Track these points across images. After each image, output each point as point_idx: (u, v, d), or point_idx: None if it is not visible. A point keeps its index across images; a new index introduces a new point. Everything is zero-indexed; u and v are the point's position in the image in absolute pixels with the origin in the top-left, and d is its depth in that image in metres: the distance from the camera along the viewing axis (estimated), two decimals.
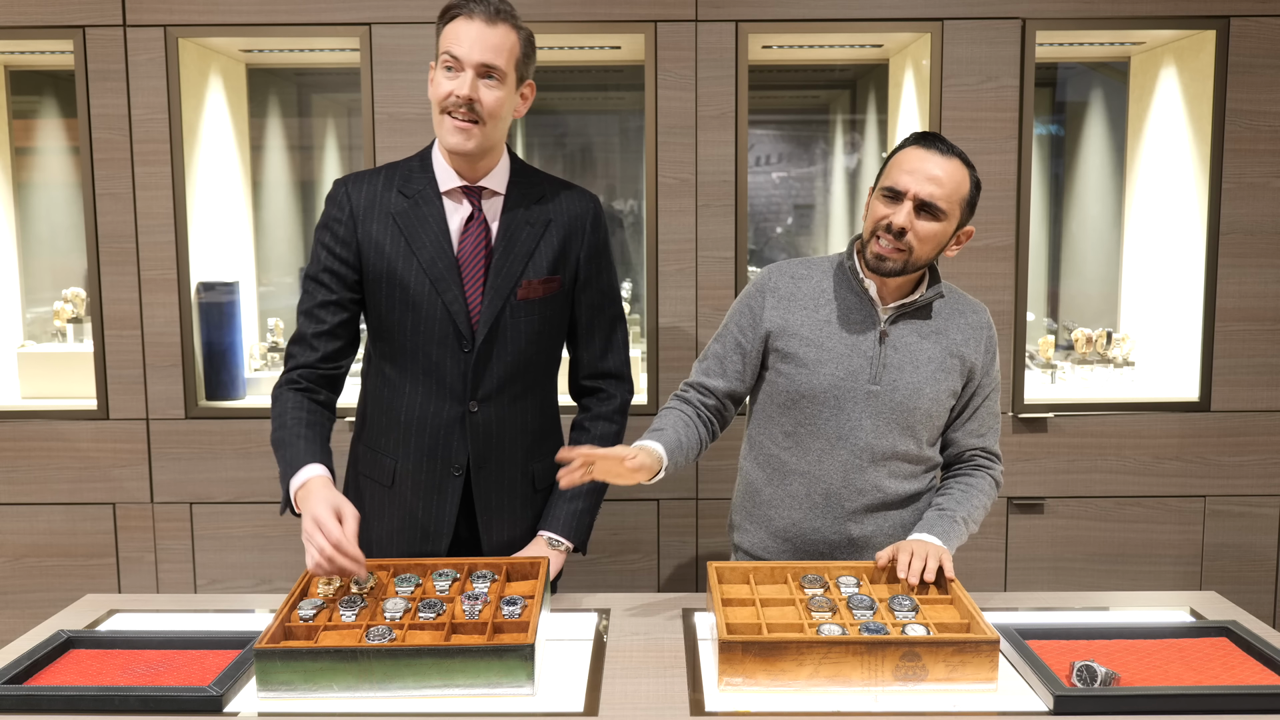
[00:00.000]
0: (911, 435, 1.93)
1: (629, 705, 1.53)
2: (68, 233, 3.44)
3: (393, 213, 1.88)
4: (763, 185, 3.84)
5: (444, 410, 1.91)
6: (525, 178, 1.95)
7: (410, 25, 2.83)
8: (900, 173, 1.83)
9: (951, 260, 2.90)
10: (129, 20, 2.84)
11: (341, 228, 1.89)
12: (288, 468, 1.80)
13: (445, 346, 1.88)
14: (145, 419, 2.96)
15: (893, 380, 1.90)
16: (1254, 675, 1.60)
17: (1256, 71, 2.87)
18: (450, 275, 1.86)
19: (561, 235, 1.93)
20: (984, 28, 2.85)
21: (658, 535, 3.01)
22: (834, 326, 1.92)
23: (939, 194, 1.81)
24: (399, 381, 1.93)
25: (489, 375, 1.90)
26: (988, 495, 1.97)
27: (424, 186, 1.89)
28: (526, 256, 1.90)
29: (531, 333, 1.92)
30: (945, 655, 1.53)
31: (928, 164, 1.81)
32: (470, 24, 1.78)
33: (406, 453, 1.94)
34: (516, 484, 1.98)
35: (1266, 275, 2.93)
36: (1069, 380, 3.18)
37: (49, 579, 3.02)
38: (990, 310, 2.92)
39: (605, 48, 3.07)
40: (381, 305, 1.89)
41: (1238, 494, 3.00)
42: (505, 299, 1.88)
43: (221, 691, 1.51)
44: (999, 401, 2.01)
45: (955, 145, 1.86)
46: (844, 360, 1.90)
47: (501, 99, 1.82)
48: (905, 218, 1.81)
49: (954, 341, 1.93)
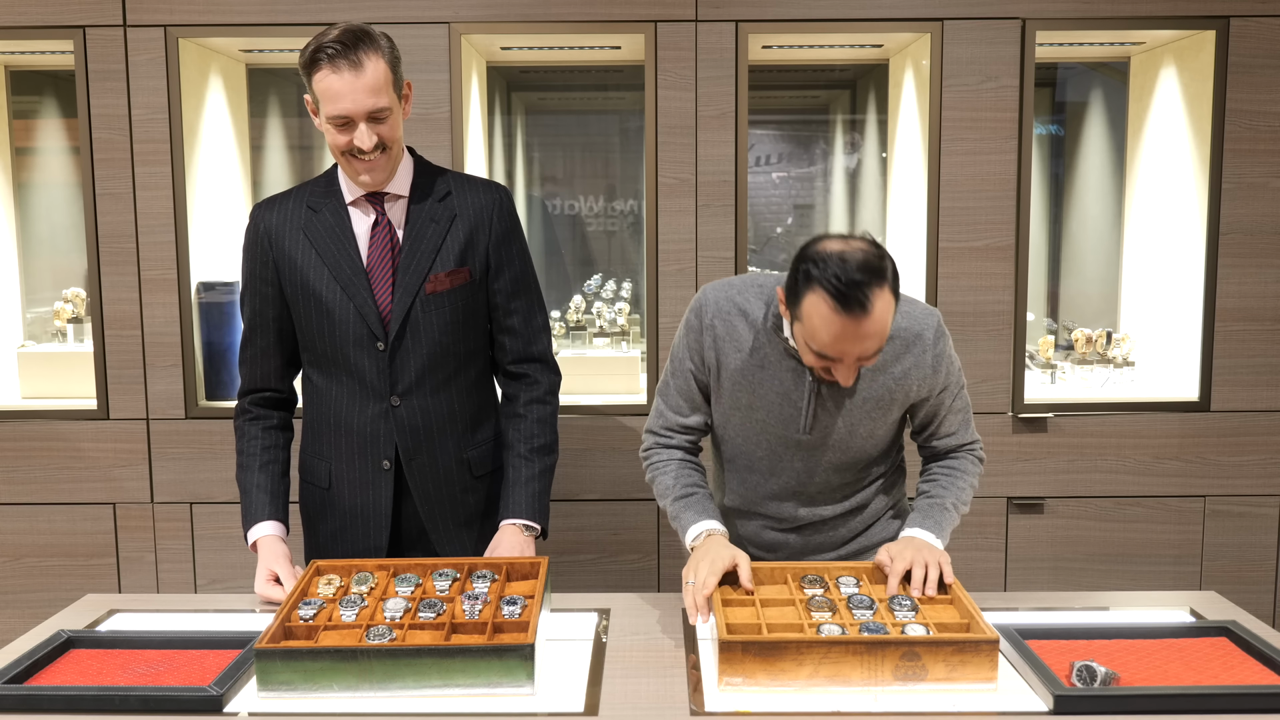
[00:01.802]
0: (851, 469, 1.93)
1: (629, 705, 1.53)
2: (68, 233, 3.44)
3: (302, 227, 1.96)
4: (763, 185, 3.84)
5: (368, 408, 1.98)
6: (428, 177, 2.00)
7: (410, 25, 2.83)
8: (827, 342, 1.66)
9: (952, 260, 2.90)
10: (129, 20, 2.84)
11: (259, 249, 1.98)
12: (246, 517, 2.02)
13: (361, 347, 1.95)
14: (145, 419, 2.96)
15: (825, 427, 1.87)
16: (1254, 675, 1.60)
17: (1256, 71, 2.87)
18: (358, 280, 1.93)
19: (468, 228, 1.98)
20: (984, 28, 2.85)
21: (658, 535, 3.01)
22: (766, 374, 1.85)
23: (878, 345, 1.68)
24: (325, 386, 2.01)
25: (406, 370, 1.96)
26: (972, 474, 1.96)
27: (330, 199, 1.97)
28: (433, 252, 1.95)
29: (445, 324, 1.97)
30: (945, 655, 1.53)
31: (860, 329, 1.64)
32: (340, 77, 1.79)
33: (339, 454, 2.02)
34: (453, 472, 2.04)
35: (1266, 275, 2.93)
36: (1069, 380, 3.18)
37: (49, 579, 3.02)
38: (990, 310, 2.94)
39: (605, 48, 3.07)
40: (301, 317, 1.98)
41: (1238, 494, 3.00)
42: (415, 295, 1.94)
43: (221, 691, 1.51)
44: (965, 394, 1.95)
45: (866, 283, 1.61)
46: (775, 409, 1.86)
47: (394, 124, 1.87)
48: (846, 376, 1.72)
49: (892, 377, 1.85)
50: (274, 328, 2.00)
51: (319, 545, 2.09)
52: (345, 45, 1.79)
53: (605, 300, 3.47)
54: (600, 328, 3.30)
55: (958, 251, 2.91)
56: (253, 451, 2.04)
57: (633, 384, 3.15)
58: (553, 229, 3.75)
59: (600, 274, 3.61)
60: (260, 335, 2.01)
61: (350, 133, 1.84)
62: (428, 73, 2.84)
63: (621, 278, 3.69)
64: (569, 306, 3.37)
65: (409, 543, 2.06)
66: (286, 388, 2.08)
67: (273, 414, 2.07)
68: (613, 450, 2.97)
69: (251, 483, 2.03)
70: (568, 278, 3.74)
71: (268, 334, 2.01)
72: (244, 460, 2.04)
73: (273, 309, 1.99)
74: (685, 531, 1.87)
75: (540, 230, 3.72)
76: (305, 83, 1.87)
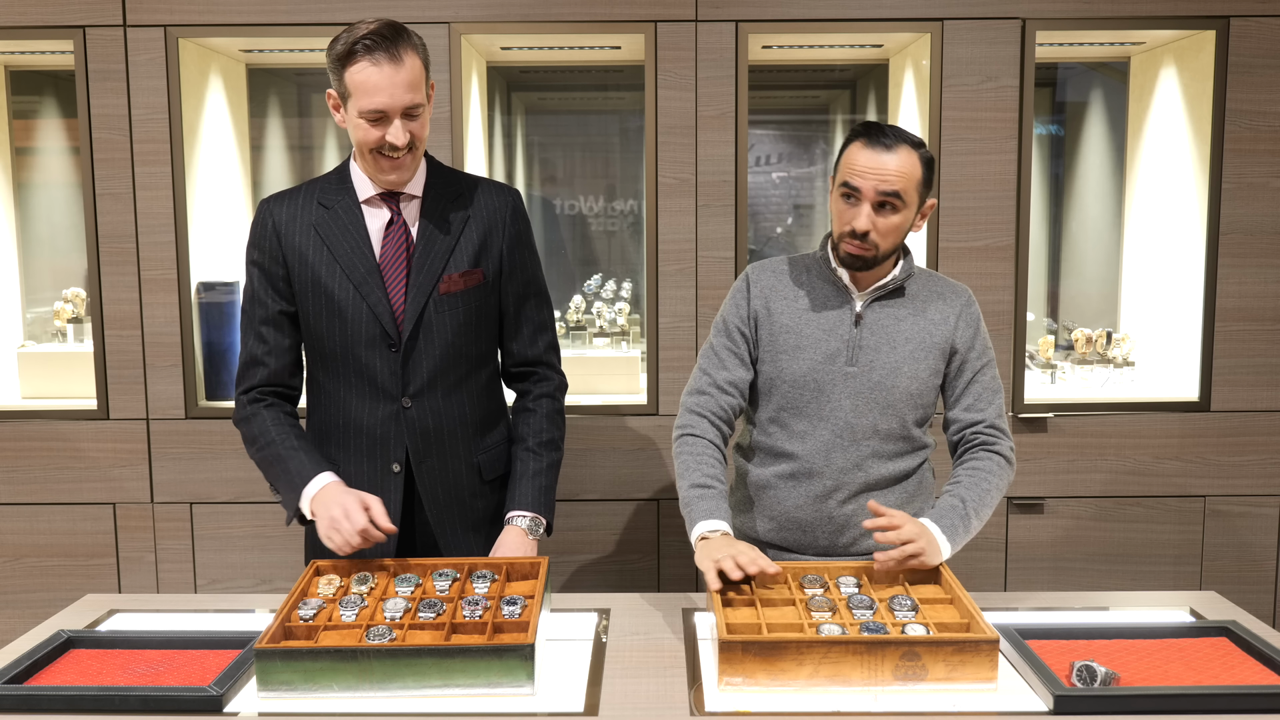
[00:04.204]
0: (894, 413, 1.96)
1: (629, 705, 1.53)
2: (68, 233, 3.44)
3: (314, 224, 1.92)
4: (763, 185, 3.84)
5: (378, 410, 1.94)
6: (442, 179, 1.99)
7: (410, 25, 2.82)
8: (853, 173, 1.88)
9: (952, 260, 2.91)
10: (129, 20, 2.84)
11: (267, 244, 1.93)
12: (295, 479, 1.87)
13: (373, 348, 1.92)
14: (145, 419, 2.96)
15: (869, 361, 1.95)
16: (1254, 675, 1.60)
17: (1256, 71, 2.87)
18: (372, 278, 1.90)
19: (482, 229, 1.97)
20: (984, 28, 2.85)
21: (658, 535, 3.01)
22: (811, 314, 1.99)
23: (894, 188, 1.86)
24: (333, 387, 1.97)
25: (418, 371, 1.94)
26: (999, 476, 1.95)
27: (343, 197, 1.93)
28: (447, 253, 1.93)
29: (458, 325, 1.95)
30: (945, 655, 1.53)
31: (879, 161, 1.86)
32: (379, 70, 1.77)
33: (347, 456, 1.97)
34: (462, 476, 2.01)
35: (1266, 275, 2.93)
36: (1069, 380, 3.18)
37: (49, 579, 3.02)
38: (990, 310, 2.93)
39: (605, 48, 3.07)
40: (310, 315, 1.94)
41: (1237, 494, 3.00)
42: (428, 295, 1.92)
43: (221, 691, 1.51)
44: (996, 376, 2.01)
45: (899, 130, 1.89)
46: (821, 344, 1.96)
47: (425, 121, 1.86)
48: (866, 220, 1.87)
49: (931, 321, 1.98)
50: (278, 324, 1.95)
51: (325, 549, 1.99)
52: (385, 38, 1.77)
53: (605, 300, 3.47)
54: (600, 328, 3.30)
55: (958, 251, 2.91)
56: (270, 431, 1.93)
57: (633, 384, 3.15)
58: (558, 229, 3.75)
59: (600, 274, 3.61)
60: (272, 331, 1.95)
61: (383, 128, 1.81)
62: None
63: (621, 278, 3.69)
64: (569, 306, 3.37)
65: (420, 548, 2.01)
66: (292, 385, 2.01)
67: (286, 404, 1.99)
68: (613, 450, 2.97)
69: (285, 448, 1.90)
70: (573, 276, 3.74)
71: (281, 329, 1.95)
72: (264, 441, 1.93)
73: (278, 305, 1.94)
74: (693, 525, 1.88)
75: (542, 230, 3.72)
76: (334, 76, 1.83)
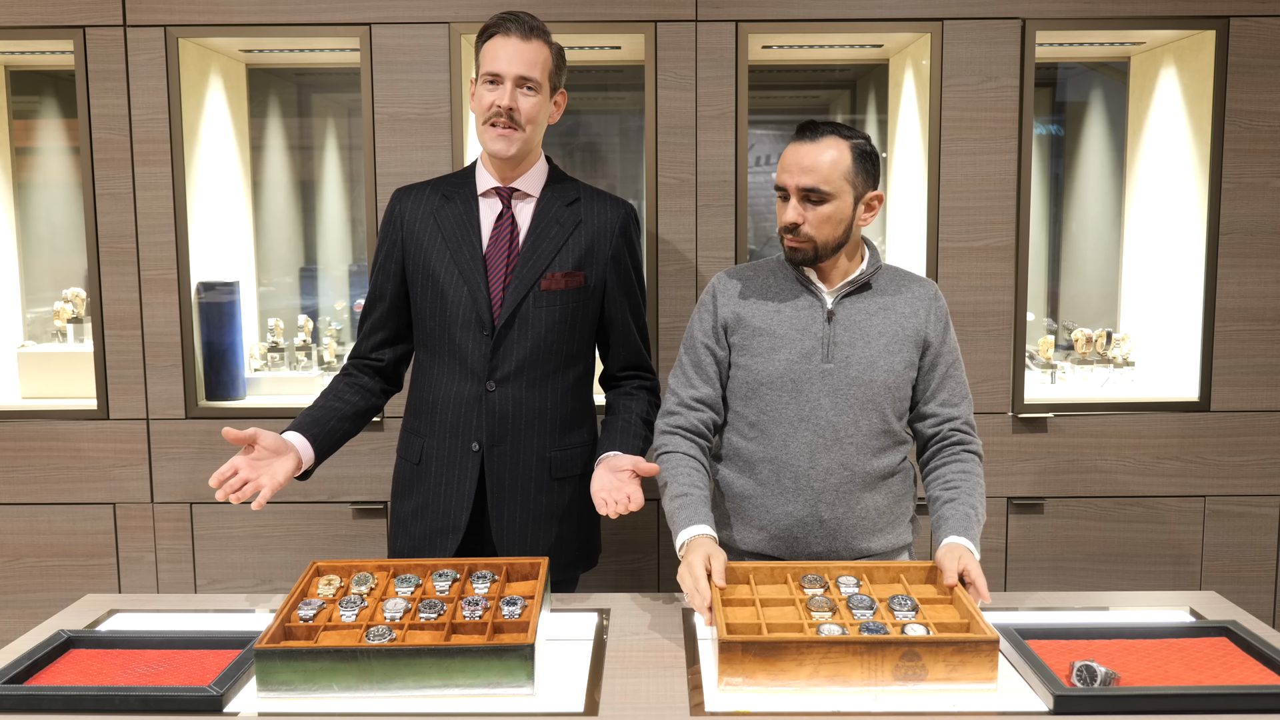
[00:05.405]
0: (874, 408, 1.97)
1: (629, 705, 1.53)
2: (68, 233, 3.44)
3: (434, 213, 2.09)
4: (763, 185, 3.83)
5: (465, 389, 2.06)
6: (560, 183, 2.14)
7: (410, 25, 2.83)
8: (781, 171, 1.94)
9: (952, 260, 2.91)
10: (129, 20, 2.84)
11: (391, 229, 2.12)
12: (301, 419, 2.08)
13: (468, 330, 2.04)
14: (145, 419, 2.96)
15: (845, 357, 1.96)
16: (1254, 675, 1.60)
17: (1256, 71, 2.87)
18: (475, 266, 2.04)
19: (590, 236, 2.08)
20: (984, 28, 2.85)
21: (658, 535, 3.01)
22: (783, 314, 2.00)
23: (814, 180, 1.89)
24: (429, 364, 2.12)
25: (507, 358, 2.04)
26: (981, 476, 2.01)
27: (463, 189, 2.11)
28: (554, 251, 2.06)
29: (553, 322, 2.05)
30: (945, 655, 1.53)
31: (799, 155, 1.91)
32: (508, 41, 1.98)
33: (432, 430, 2.10)
34: (532, 468, 2.08)
35: (1266, 275, 2.93)
36: (1069, 380, 3.18)
37: (49, 579, 3.02)
38: (990, 310, 2.93)
39: (605, 48, 3.07)
40: (417, 295, 2.10)
41: (1237, 494, 3.00)
42: (529, 288, 2.03)
43: (221, 691, 1.51)
44: (963, 375, 2.06)
45: (834, 124, 1.94)
46: (796, 343, 1.97)
47: (538, 105, 2.01)
48: (794, 213, 1.92)
49: (901, 314, 2.00)
50: (389, 303, 2.13)
51: (401, 522, 2.15)
52: (521, 21, 1.99)
53: None
54: None
55: (958, 251, 2.91)
56: (324, 392, 2.12)
57: None
58: None
59: None
60: (375, 308, 2.15)
61: (495, 91, 1.98)
62: (428, 73, 2.84)
63: None
64: None
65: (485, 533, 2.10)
66: (386, 362, 2.17)
67: (363, 375, 2.16)
68: None
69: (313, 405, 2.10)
70: None
71: (380, 308, 2.14)
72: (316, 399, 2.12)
73: (391, 285, 2.12)
74: (676, 535, 1.90)
75: None
76: (476, 60, 2.03)
